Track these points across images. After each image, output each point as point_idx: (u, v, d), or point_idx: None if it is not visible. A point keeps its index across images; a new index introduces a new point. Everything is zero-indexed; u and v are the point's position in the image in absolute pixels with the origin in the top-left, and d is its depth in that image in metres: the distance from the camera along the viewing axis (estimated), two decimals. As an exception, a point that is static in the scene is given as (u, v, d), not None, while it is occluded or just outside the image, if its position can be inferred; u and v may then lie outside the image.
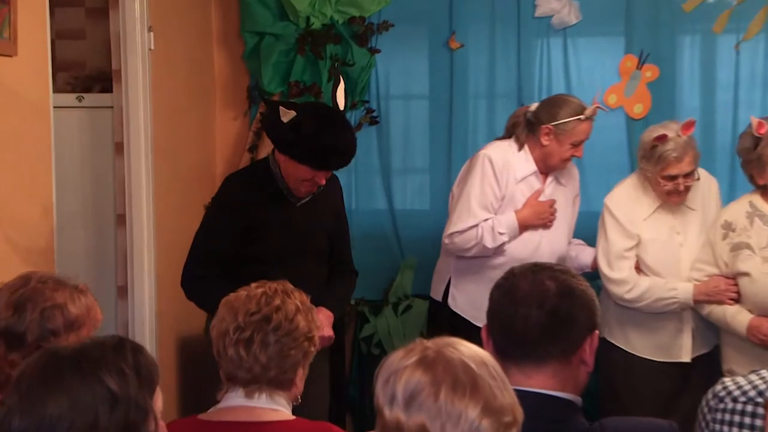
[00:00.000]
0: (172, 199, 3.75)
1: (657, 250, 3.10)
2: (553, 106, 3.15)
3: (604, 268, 3.15)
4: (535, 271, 1.61)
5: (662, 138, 3.03)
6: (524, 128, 3.18)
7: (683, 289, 3.05)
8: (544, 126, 3.11)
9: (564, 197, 3.28)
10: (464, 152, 3.97)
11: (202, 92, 4.10)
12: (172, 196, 3.75)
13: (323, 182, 2.83)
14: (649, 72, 3.86)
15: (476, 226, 3.10)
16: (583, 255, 3.35)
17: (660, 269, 3.10)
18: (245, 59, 4.12)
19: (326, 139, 2.75)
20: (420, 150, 4.10)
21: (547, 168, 3.21)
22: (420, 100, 4.09)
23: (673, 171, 3.03)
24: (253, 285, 1.96)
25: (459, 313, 3.25)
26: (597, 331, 1.62)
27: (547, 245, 3.22)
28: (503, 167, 3.13)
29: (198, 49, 4.06)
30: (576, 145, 3.16)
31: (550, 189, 3.25)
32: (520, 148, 3.18)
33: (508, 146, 3.20)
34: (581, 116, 3.13)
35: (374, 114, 4.08)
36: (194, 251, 2.91)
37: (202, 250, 2.88)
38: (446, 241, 3.15)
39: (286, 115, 2.76)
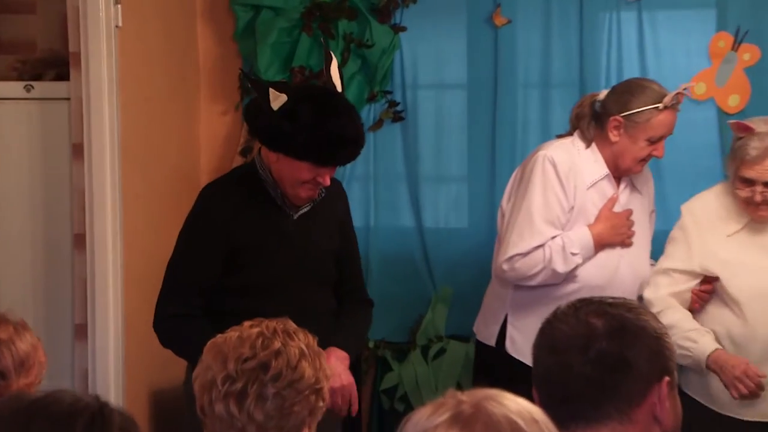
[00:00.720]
0: (144, 216, 3.78)
1: (742, 277, 3.09)
2: (624, 92, 3.14)
3: (644, 285, 3.20)
4: (578, 308, 1.62)
5: (746, 129, 3.04)
6: (590, 120, 3.17)
7: (703, 346, 3.04)
8: (612, 117, 3.10)
9: (641, 208, 3.28)
10: (511, 155, 3.99)
11: (182, 81, 4.13)
12: (145, 211, 3.79)
13: (328, 182, 2.83)
14: (748, 54, 3.84)
15: (542, 246, 3.11)
16: None
17: (748, 302, 3.06)
18: (237, 39, 4.17)
19: (331, 126, 2.75)
20: (456, 153, 4.10)
21: (618, 171, 3.21)
22: (456, 90, 4.11)
23: (749, 173, 3.03)
24: (246, 324, 1.97)
25: (520, 359, 3.17)
26: (668, 378, 1.59)
27: (627, 268, 3.22)
28: (569, 171, 3.13)
29: (178, 27, 4.11)
30: (653, 141, 3.13)
31: (625, 197, 3.25)
32: (588, 145, 3.17)
33: (572, 144, 3.19)
34: (659, 105, 3.09)
35: (398, 108, 4.09)
36: (168, 284, 2.92)
37: (178, 283, 2.90)
38: (504, 267, 3.14)
39: (277, 100, 2.75)
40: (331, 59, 2.92)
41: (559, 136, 3.29)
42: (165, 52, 3.96)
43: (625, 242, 3.21)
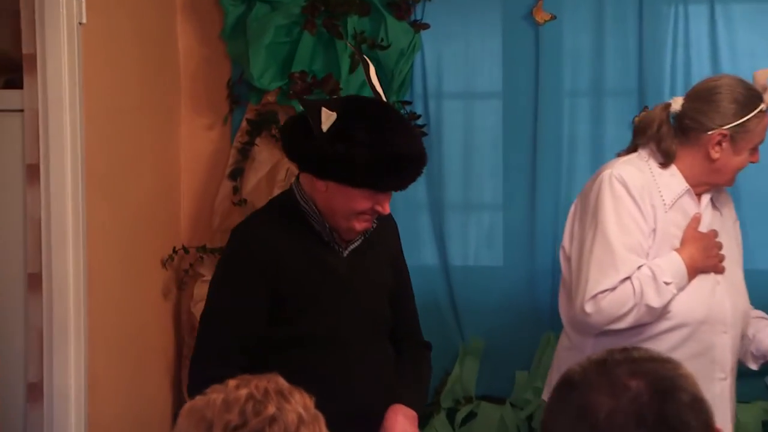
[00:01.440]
0: (113, 252, 3.77)
1: None
2: (714, 98, 3.15)
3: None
4: (605, 368, 1.64)
5: None
6: (670, 135, 3.19)
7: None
8: (716, 132, 3.13)
9: (723, 228, 3.30)
10: (556, 178, 4.03)
11: (160, 88, 4.15)
12: (114, 246, 3.79)
13: (388, 210, 2.92)
14: None
15: (629, 278, 3.10)
16: (762, 339, 3.35)
17: None
18: (225, 38, 4.21)
19: (391, 144, 2.82)
20: (489, 175, 4.11)
21: (706, 186, 3.24)
22: (489, 99, 4.12)
23: None
24: (232, 383, 1.95)
25: None
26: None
27: (726, 298, 3.22)
28: (643, 189, 3.14)
29: (154, 23, 4.12)
30: (754, 149, 3.18)
31: (708, 215, 3.27)
32: (666, 164, 3.21)
33: (639, 159, 3.21)
34: (763, 106, 3.14)
35: (419, 122, 4.10)
36: (205, 342, 2.96)
37: (216, 340, 2.92)
38: (588, 309, 3.11)
39: (328, 120, 2.80)
40: (368, 65, 2.98)
41: (620, 155, 3.30)
42: (138, 53, 3.98)
43: (718, 267, 3.23)
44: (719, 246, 3.24)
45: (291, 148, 2.94)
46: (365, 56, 3.05)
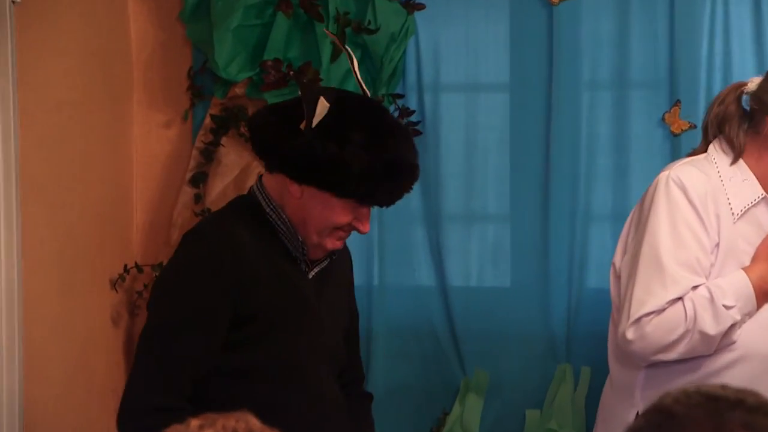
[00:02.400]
0: (54, 273, 3.74)
1: None
2: None
3: None
4: (713, 411, 1.62)
5: None
6: (740, 123, 3.15)
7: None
8: None
9: None
10: (572, 184, 4.01)
11: (108, 80, 4.11)
12: (56, 266, 3.75)
13: (367, 228, 2.96)
14: None
15: (681, 299, 3.06)
16: None
17: None
18: (185, 20, 4.16)
19: (390, 150, 2.85)
20: (494, 181, 4.08)
21: None
22: (494, 92, 4.10)
23: None
24: (194, 423, 1.91)
25: None
26: None
27: None
28: (706, 196, 3.10)
29: (101, 4, 4.07)
30: None
31: None
32: (735, 158, 3.16)
33: (707, 161, 3.18)
34: None
35: (413, 118, 4.07)
36: (149, 365, 2.91)
37: (164, 363, 2.89)
38: (630, 335, 3.07)
39: (320, 113, 2.81)
40: (352, 59, 3.00)
41: (690, 155, 3.27)
42: (83, 38, 3.94)
43: None
44: None
45: (265, 142, 2.93)
46: (347, 47, 3.05)
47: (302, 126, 2.82)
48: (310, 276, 3.00)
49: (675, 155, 3.75)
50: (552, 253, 3.99)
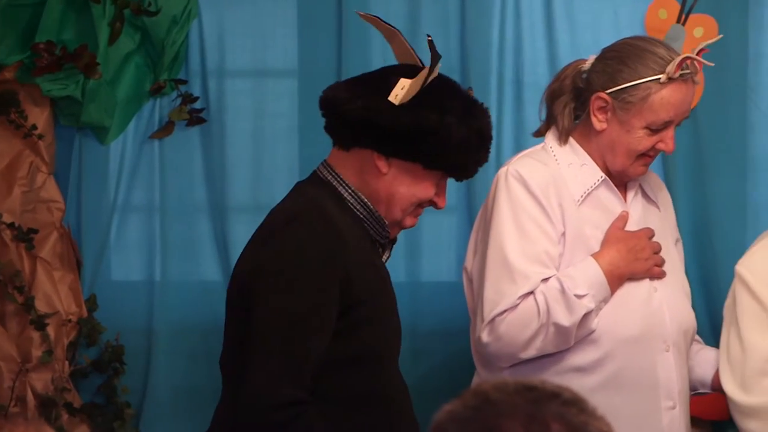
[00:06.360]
0: None
1: None
2: (613, 58, 3.16)
3: (731, 388, 3.13)
4: (531, 400, 1.65)
5: None
6: (569, 101, 3.19)
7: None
8: (596, 95, 3.13)
9: (660, 225, 3.29)
10: None
11: None
12: None
13: (444, 203, 3.00)
14: (701, 29, 3.87)
15: (532, 294, 3.06)
16: (701, 363, 3.32)
17: None
18: None
19: (480, 120, 2.92)
20: (283, 171, 4.03)
21: (609, 172, 3.23)
22: (282, 78, 4.11)
23: None
24: None
25: None
26: None
27: (665, 309, 3.19)
28: (547, 185, 3.12)
29: None
30: (656, 129, 3.11)
31: (638, 210, 3.24)
32: (564, 140, 3.18)
33: (543, 150, 3.20)
34: (660, 76, 3.08)
35: (197, 105, 4.01)
36: (276, 356, 2.88)
37: (293, 354, 2.88)
38: (485, 338, 3.08)
39: (416, 85, 2.85)
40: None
41: (536, 134, 3.30)
42: None
43: (653, 271, 3.18)
44: (654, 247, 3.20)
45: (354, 115, 2.91)
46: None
47: (393, 97, 2.82)
48: (384, 260, 3.05)
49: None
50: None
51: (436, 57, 2.95)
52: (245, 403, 2.92)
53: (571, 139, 3.18)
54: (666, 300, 3.20)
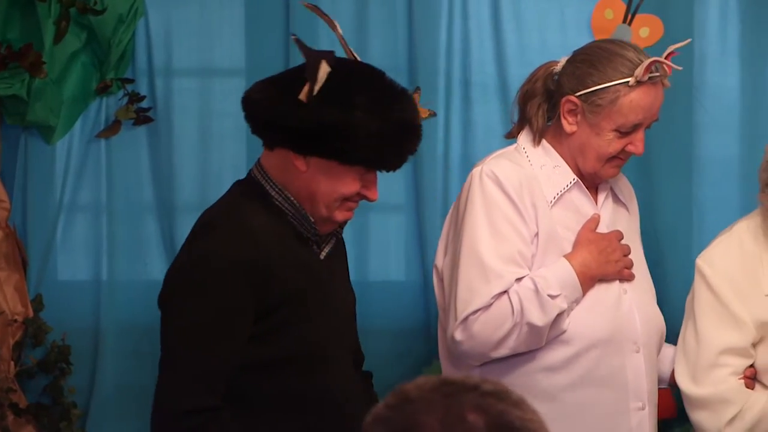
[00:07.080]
0: None
1: None
2: (583, 61, 3.16)
3: (683, 380, 3.18)
4: (447, 394, 1.67)
5: None
6: (541, 103, 3.18)
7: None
8: (565, 98, 3.13)
9: (629, 227, 3.30)
10: None
11: None
12: None
13: (377, 195, 2.95)
14: (646, 29, 3.93)
15: (506, 293, 3.05)
16: (661, 359, 3.32)
17: None
18: None
19: (397, 112, 2.86)
20: (230, 170, 4.00)
21: (581, 174, 3.24)
22: (230, 78, 4.12)
23: None
24: None
25: None
26: None
27: (635, 310, 3.20)
28: (520, 186, 3.11)
29: None
30: (625, 132, 3.11)
31: (608, 212, 3.25)
32: (536, 141, 3.18)
33: (516, 151, 3.20)
34: (629, 79, 3.09)
35: (144, 104, 4.03)
36: (180, 365, 2.87)
37: (199, 363, 2.85)
38: (458, 336, 3.07)
39: (321, 78, 2.80)
40: (334, 25, 3.00)
41: (508, 136, 3.29)
42: None
43: (623, 273, 3.18)
44: (624, 249, 3.20)
45: (265, 117, 2.89)
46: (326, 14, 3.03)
47: (302, 95, 2.77)
48: (322, 257, 2.99)
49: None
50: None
51: (308, 57, 2.92)
52: (154, 414, 2.93)
53: (543, 141, 3.19)
54: (636, 302, 3.21)
